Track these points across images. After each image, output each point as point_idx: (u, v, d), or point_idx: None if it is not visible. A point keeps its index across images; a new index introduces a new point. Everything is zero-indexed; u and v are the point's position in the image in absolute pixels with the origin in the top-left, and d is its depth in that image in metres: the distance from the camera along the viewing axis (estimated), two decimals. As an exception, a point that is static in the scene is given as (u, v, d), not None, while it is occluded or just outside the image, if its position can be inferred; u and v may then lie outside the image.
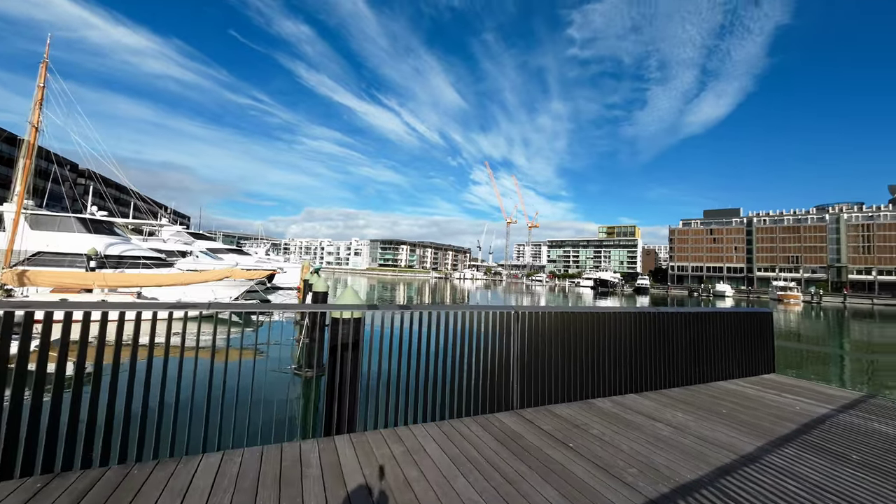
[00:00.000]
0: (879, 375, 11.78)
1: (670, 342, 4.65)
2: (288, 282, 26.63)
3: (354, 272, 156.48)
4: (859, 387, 8.82)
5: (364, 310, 3.15)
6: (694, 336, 4.85)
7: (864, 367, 12.80)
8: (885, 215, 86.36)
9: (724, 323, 5.15)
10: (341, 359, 3.09)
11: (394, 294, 39.24)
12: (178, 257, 20.54)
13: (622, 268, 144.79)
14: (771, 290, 76.41)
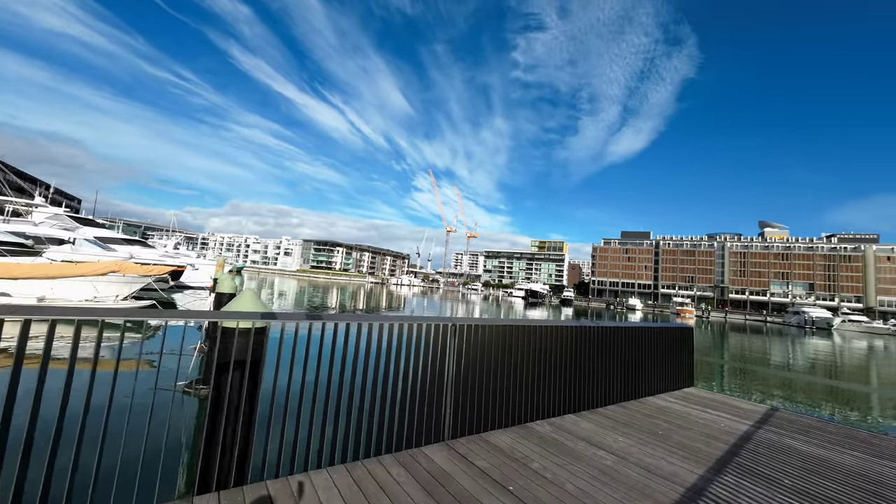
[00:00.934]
0: (761, 385, 13.44)
1: (607, 357, 4.51)
2: (199, 280, 23.42)
3: (283, 273, 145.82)
4: (756, 397, 9.75)
5: (256, 319, 2.37)
6: (628, 351, 4.79)
7: (750, 378, 14.56)
8: (755, 245, 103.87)
9: (653, 337, 5.20)
10: (230, 383, 2.28)
11: (325, 298, 36.87)
12: (52, 244, 16.77)
13: (550, 280, 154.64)
14: (671, 305, 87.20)
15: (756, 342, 29.66)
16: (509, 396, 3.54)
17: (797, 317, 68.17)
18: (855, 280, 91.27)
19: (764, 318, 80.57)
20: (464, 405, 3.21)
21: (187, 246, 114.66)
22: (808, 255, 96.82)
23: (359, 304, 34.56)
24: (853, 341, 41.05)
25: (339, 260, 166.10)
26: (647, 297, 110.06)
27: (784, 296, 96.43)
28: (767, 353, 23.00)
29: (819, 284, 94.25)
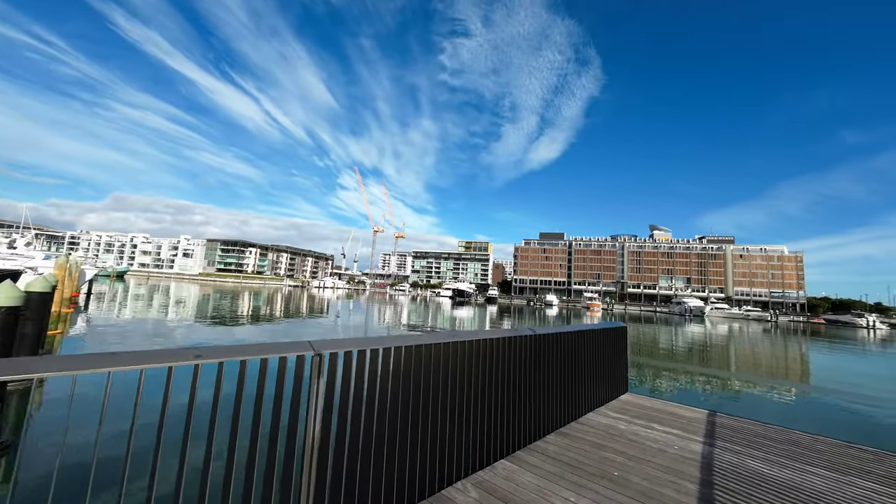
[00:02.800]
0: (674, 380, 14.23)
1: (546, 372, 3.64)
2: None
3: (182, 278, 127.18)
4: (681, 394, 9.96)
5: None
6: (568, 360, 4.01)
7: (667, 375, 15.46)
8: (647, 245, 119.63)
9: (592, 341, 4.54)
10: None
11: (235, 305, 32.15)
12: None
13: (476, 279, 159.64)
14: (582, 300, 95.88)
15: (650, 331, 33.28)
16: (419, 452, 2.39)
17: (679, 306, 79.73)
18: (719, 274, 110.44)
19: (654, 308, 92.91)
20: (335, 477, 1.95)
21: (50, 246, 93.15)
22: (686, 254, 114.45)
23: (275, 310, 30.75)
24: (719, 325, 49.08)
25: (251, 262, 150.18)
26: (562, 293, 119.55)
27: (669, 289, 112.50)
28: (661, 341, 25.56)
29: (694, 279, 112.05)
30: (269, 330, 18.83)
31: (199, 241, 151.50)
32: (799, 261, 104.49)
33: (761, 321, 69.61)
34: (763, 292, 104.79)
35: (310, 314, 29.56)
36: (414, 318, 32.65)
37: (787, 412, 9.59)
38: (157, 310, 23.78)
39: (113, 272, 75.85)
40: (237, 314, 24.90)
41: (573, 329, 4.13)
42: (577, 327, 4.26)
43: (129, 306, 24.89)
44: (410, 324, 26.85)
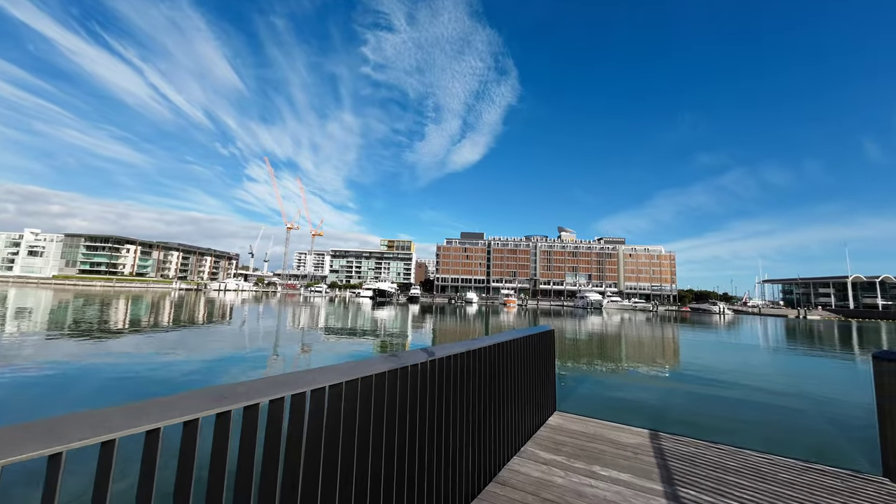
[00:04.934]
0: (589, 381, 14.69)
1: (443, 413, 2.26)
2: None
3: (27, 282, 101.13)
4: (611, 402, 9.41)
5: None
6: (478, 389, 2.72)
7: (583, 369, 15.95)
8: (556, 245, 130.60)
9: (512, 355, 3.35)
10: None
11: (106, 313, 25.32)
12: None
13: (399, 278, 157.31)
14: (500, 297, 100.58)
15: (559, 324, 35.36)
16: None
17: (582, 300, 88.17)
18: (613, 271, 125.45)
19: (562, 303, 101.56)
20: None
21: None
22: (588, 253, 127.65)
23: (161, 317, 25.03)
24: (613, 316, 55.08)
25: (129, 262, 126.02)
26: (481, 290, 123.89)
27: (574, 285, 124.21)
28: (570, 335, 26.95)
29: (594, 275, 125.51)
30: (156, 342, 14.77)
31: (55, 237, 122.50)
32: (672, 259, 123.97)
33: (645, 311, 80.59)
34: (647, 286, 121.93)
35: (208, 321, 24.84)
36: (332, 320, 29.70)
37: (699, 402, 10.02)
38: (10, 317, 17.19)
39: None
40: (114, 323, 19.46)
41: (490, 342, 2.88)
42: (495, 339, 3.02)
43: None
44: (328, 327, 24.12)
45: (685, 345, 23.70)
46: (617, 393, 10.35)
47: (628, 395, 10.12)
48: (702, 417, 8.35)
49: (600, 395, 9.96)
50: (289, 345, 17.19)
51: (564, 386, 10.33)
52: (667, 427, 4.15)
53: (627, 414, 8.21)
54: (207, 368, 11.16)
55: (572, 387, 10.34)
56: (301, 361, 13.27)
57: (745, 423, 8.07)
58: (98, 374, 9.98)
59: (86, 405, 7.44)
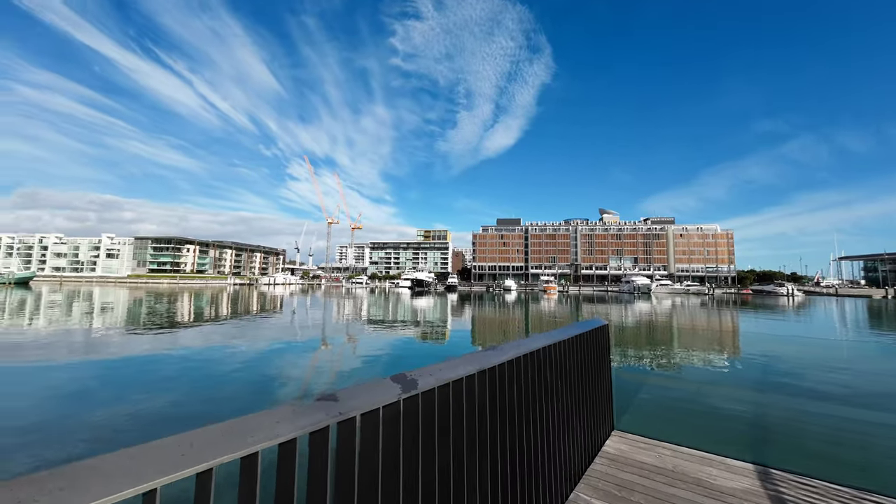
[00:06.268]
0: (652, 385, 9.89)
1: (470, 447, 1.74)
2: None
3: (107, 281, 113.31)
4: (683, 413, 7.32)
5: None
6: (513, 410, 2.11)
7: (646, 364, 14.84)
8: (598, 228, 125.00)
9: (557, 359, 2.67)
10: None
11: (174, 307, 27.82)
12: None
13: (436, 268, 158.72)
14: (539, 283, 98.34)
15: (604, 311, 33.74)
16: None
17: (628, 285, 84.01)
18: (662, 253, 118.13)
19: (606, 288, 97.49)
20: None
21: None
22: (633, 235, 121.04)
23: (221, 310, 27.07)
24: (664, 301, 51.81)
25: (190, 260, 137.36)
26: (519, 277, 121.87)
27: (618, 269, 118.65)
28: (618, 322, 25.56)
29: (641, 258, 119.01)
30: (218, 333, 15.97)
31: (126, 240, 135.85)
32: (730, 238, 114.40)
33: (699, 295, 75.20)
34: (700, 268, 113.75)
35: (262, 313, 26.40)
36: (374, 310, 30.44)
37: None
38: (98, 312, 19.53)
39: (9, 279, 65.14)
40: (176, 318, 21.28)
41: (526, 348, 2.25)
42: (533, 342, 2.41)
43: (76, 310, 20.33)
44: (371, 317, 24.69)
45: (759, 333, 21.61)
46: (690, 403, 7.90)
47: (706, 407, 7.63)
48: (821, 444, 5.89)
49: (667, 405, 7.76)
50: (336, 334, 17.74)
51: (618, 393, 9.54)
52: (775, 456, 3.32)
53: (713, 436, 6.14)
54: (266, 357, 11.75)
55: (629, 394, 8.11)
56: (347, 350, 13.55)
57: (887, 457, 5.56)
58: (172, 362, 10.80)
59: (165, 392, 7.96)
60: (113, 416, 6.61)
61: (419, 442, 1.44)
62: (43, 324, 18.43)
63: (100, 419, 6.53)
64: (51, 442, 5.56)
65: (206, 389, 8.32)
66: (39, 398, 7.55)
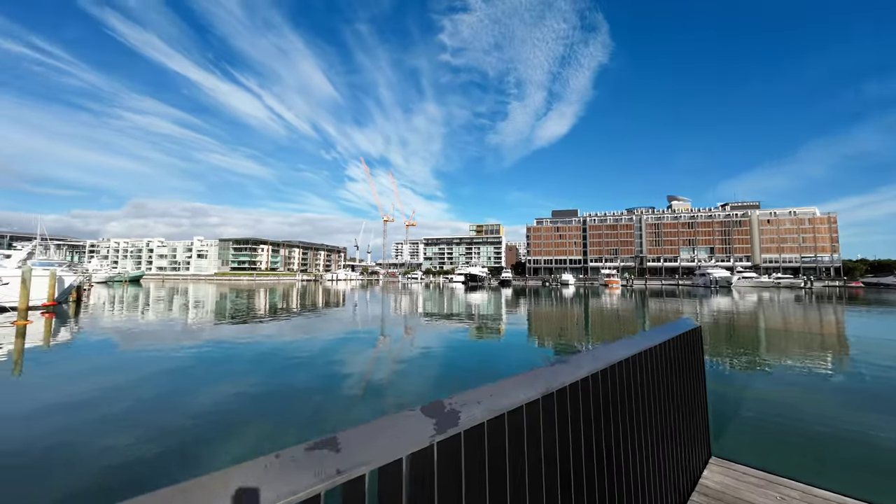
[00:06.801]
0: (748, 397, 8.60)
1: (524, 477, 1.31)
2: (8, 299, 16.95)
3: (198, 279, 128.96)
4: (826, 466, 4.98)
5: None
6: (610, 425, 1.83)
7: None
8: (666, 217, 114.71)
9: (649, 367, 2.23)
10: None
11: (252, 302, 31.02)
12: None
13: (490, 263, 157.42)
14: (600, 277, 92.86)
15: (675, 305, 30.73)
16: None
17: (703, 278, 76.04)
18: (744, 242, 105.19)
19: (676, 282, 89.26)
20: None
21: (75, 256, 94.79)
22: (708, 223, 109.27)
23: (292, 304, 29.52)
24: (748, 295, 45.87)
25: (264, 259, 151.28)
26: (578, 271, 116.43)
27: (691, 260, 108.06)
28: (693, 320, 23.13)
29: (718, 248, 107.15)
30: (291, 325, 17.68)
31: (212, 242, 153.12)
32: (832, 222, 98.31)
33: (793, 288, 65.58)
34: (793, 258, 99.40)
35: (327, 307, 28.23)
36: (429, 305, 30.96)
37: None
38: (158, 310, 22.64)
39: (125, 277, 77.05)
40: (256, 311, 23.64)
41: (600, 362, 1.82)
42: (626, 347, 2.06)
43: (126, 310, 23.81)
44: (426, 312, 25.13)
45: (886, 339, 18.26)
46: (813, 426, 6.11)
47: (827, 428, 5.93)
48: None
49: (782, 428, 6.01)
50: (394, 327, 18.30)
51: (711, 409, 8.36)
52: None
53: (858, 477, 4.58)
54: (332, 347, 12.51)
55: (725, 411, 6.53)
56: (405, 342, 13.80)
57: None
58: (252, 350, 11.94)
59: (247, 374, 8.71)
60: (209, 394, 7.35)
61: (462, 496, 1.04)
62: (154, 317, 21.31)
63: (197, 397, 7.25)
64: (153, 415, 6.25)
65: (281, 373, 9.08)
66: (148, 378, 8.63)
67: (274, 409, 6.69)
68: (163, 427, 5.83)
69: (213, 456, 4.94)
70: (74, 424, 5.87)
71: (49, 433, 5.52)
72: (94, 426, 5.80)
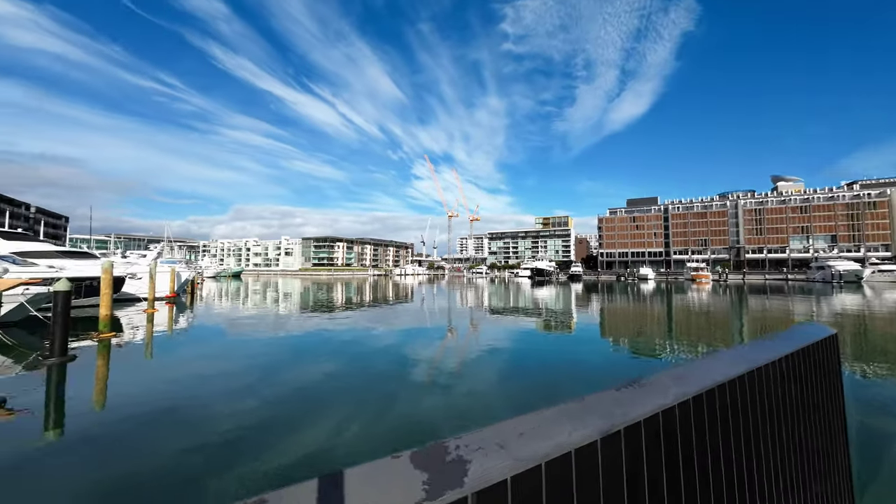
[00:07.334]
0: None
1: None
2: (141, 291, 20.35)
3: (286, 274, 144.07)
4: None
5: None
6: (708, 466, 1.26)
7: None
8: (771, 201, 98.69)
9: (764, 389, 1.60)
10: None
11: (331, 295, 33.98)
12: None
13: (557, 256, 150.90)
14: (686, 271, 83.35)
15: (784, 304, 26.10)
16: None
17: (822, 272, 64.07)
18: (881, 228, 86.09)
19: (784, 276, 76.51)
20: None
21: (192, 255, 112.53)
22: (829, 206, 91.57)
23: (365, 298, 31.65)
24: (885, 293, 37.16)
25: (340, 255, 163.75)
26: (658, 264, 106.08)
27: (804, 251, 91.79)
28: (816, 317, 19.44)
29: (842, 236, 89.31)
30: (366, 316, 19.08)
31: (297, 241, 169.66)
32: None
33: (957, 284, 51.72)
34: (955, 246, 78.95)
35: (396, 300, 29.65)
36: (494, 300, 30.68)
37: None
38: (255, 301, 25.79)
39: (229, 273, 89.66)
40: (335, 303, 25.86)
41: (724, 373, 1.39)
42: (733, 362, 1.52)
43: (230, 300, 27.39)
44: (492, 307, 24.93)
45: None
46: None
47: None
48: None
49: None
50: (460, 320, 18.53)
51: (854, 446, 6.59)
52: None
53: None
54: (403, 339, 13.08)
55: (875, 450, 4.79)
56: (472, 337, 13.72)
57: None
58: (335, 337, 13.15)
59: (328, 362, 9.43)
60: (302, 373, 8.24)
61: None
62: (253, 306, 24.22)
63: (294, 375, 7.98)
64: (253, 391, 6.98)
65: (360, 359, 9.89)
66: (253, 358, 9.73)
67: (354, 390, 7.36)
68: (270, 397, 6.88)
69: (308, 421, 5.80)
70: (203, 393, 7.07)
71: (186, 399, 6.68)
72: (218, 396, 6.98)
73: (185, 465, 4.50)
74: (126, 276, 18.88)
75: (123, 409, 6.23)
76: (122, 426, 5.54)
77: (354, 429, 5.61)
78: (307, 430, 5.51)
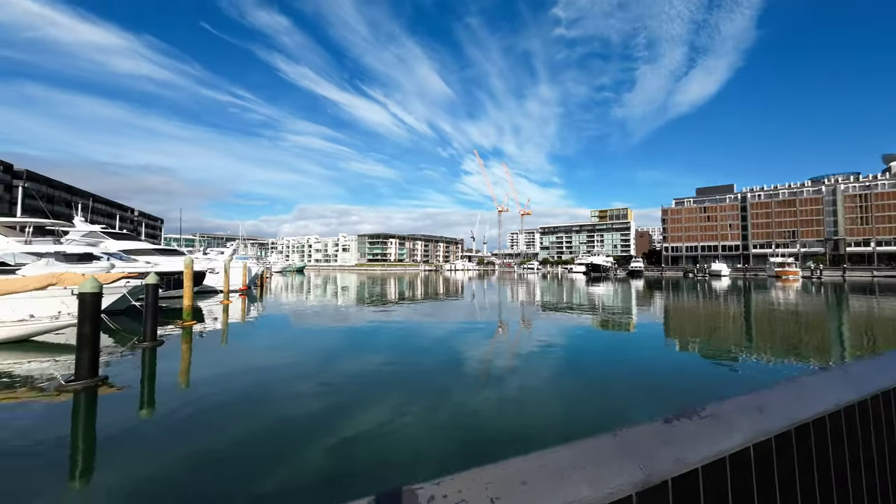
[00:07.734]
0: None
1: None
2: (219, 284, 22.58)
3: (343, 269, 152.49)
4: None
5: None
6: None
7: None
8: (882, 184, 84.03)
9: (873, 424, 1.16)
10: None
11: (385, 289, 35.50)
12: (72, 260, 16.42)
13: (616, 251, 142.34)
14: (768, 268, 73.96)
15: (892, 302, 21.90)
16: None
17: (953, 268, 53.24)
18: None
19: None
20: None
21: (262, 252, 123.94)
22: (962, 189, 75.81)
23: (417, 293, 32.57)
24: None
25: (393, 251, 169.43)
26: (733, 259, 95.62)
27: (927, 243, 77.12)
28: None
29: (982, 224, 73.59)
30: (419, 310, 19.72)
31: (352, 238, 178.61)
32: None
33: None
34: None
35: (446, 296, 30.07)
36: (547, 297, 29.76)
37: None
38: (316, 294, 27.63)
39: (293, 268, 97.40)
40: (389, 297, 27.01)
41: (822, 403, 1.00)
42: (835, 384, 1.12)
43: (295, 293, 29.58)
44: (544, 304, 24.20)
45: None
46: None
47: None
48: None
49: None
50: (511, 315, 18.35)
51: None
52: None
53: None
54: (453, 334, 13.20)
55: None
56: (523, 334, 13.40)
57: None
58: (390, 329, 13.83)
59: (383, 353, 9.95)
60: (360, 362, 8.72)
61: None
62: (315, 299, 25.97)
63: (353, 363, 8.41)
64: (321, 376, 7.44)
65: (413, 352, 10.26)
66: (316, 346, 10.41)
67: (409, 381, 7.64)
68: (331, 382, 7.47)
69: (365, 409, 6.13)
70: (271, 378, 7.73)
71: (257, 382, 7.39)
72: (284, 380, 7.64)
73: (257, 440, 4.97)
74: (206, 270, 21.15)
75: (204, 387, 7.04)
76: (203, 403, 6.23)
77: (408, 419, 5.73)
78: (363, 415, 5.78)
